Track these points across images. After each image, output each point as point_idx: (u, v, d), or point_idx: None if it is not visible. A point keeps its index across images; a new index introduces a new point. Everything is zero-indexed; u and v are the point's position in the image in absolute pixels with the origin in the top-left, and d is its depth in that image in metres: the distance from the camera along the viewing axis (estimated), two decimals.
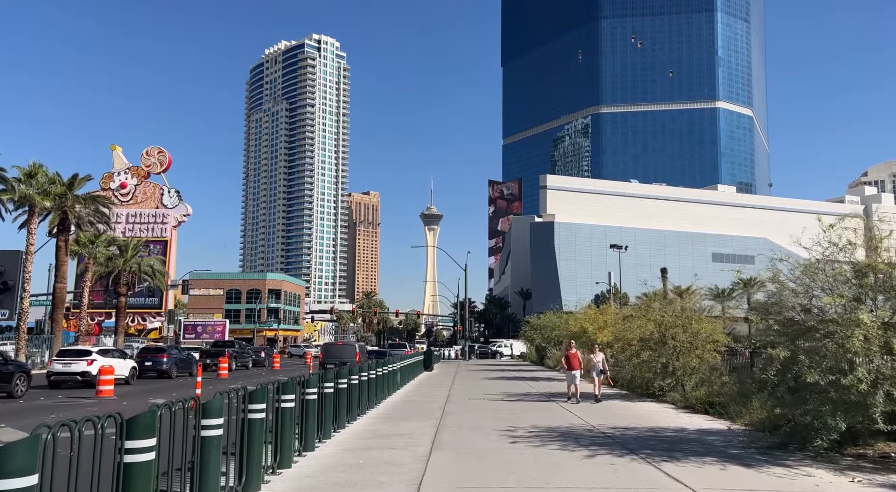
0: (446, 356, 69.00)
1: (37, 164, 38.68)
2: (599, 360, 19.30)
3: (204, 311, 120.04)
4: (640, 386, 20.72)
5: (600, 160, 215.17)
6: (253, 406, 7.85)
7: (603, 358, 19.61)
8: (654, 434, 12.40)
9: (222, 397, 6.84)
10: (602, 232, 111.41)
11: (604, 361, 19.57)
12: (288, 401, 9.28)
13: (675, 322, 19.42)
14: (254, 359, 47.10)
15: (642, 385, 20.52)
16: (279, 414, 9.05)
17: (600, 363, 19.24)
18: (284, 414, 9.20)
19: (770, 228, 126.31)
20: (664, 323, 19.65)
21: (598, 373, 19.05)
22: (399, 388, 24.44)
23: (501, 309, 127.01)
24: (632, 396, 20.66)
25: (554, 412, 16.33)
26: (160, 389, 25.72)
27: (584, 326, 28.83)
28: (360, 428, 13.47)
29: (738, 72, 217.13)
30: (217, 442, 6.48)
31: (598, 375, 19.01)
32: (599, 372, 19.09)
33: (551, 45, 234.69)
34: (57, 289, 40.61)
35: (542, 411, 16.51)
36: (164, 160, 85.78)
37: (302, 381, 10.58)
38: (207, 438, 6.39)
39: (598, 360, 19.25)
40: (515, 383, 28.08)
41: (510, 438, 11.92)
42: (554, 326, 40.83)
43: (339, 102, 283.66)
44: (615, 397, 20.79)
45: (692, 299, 21.62)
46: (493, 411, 16.47)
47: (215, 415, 6.49)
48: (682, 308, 20.09)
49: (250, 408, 7.73)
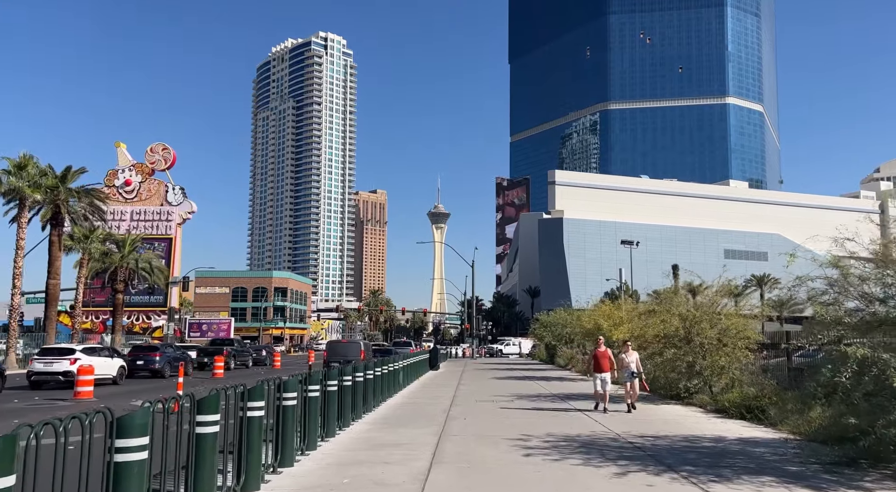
0: (453, 355, 67.44)
1: (27, 155, 37.31)
2: (633, 360, 15.99)
3: (210, 309, 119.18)
4: (662, 387, 19.00)
5: (609, 157, 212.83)
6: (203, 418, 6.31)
7: (637, 358, 16.20)
8: (691, 445, 10.73)
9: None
10: (612, 228, 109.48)
11: (638, 361, 16.15)
12: (256, 409, 7.69)
13: (702, 317, 17.71)
14: (254, 357, 45.64)
15: (665, 386, 18.80)
16: (244, 424, 7.45)
17: (634, 364, 15.92)
18: (252, 424, 7.61)
19: (783, 223, 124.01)
20: (689, 318, 17.95)
21: (632, 376, 15.74)
22: (402, 388, 22.86)
23: (509, 307, 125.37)
24: (654, 398, 18.95)
25: (571, 417, 14.68)
26: (149, 389, 24.22)
27: (598, 322, 27.15)
28: (352, 436, 11.87)
29: (748, 67, 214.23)
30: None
31: (631, 378, 15.75)
32: (633, 375, 15.74)
33: (559, 42, 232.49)
34: (50, 285, 39.26)
35: (558, 416, 14.87)
36: (169, 157, 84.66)
37: (279, 384, 9.02)
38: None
39: (631, 360, 15.95)
40: (525, 383, 26.44)
41: (523, 449, 10.29)
42: (565, 324, 39.17)
43: (345, 100, 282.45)
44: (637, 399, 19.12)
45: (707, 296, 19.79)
46: (503, 416, 14.83)
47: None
48: (711, 299, 18.31)
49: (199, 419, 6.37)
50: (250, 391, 7.46)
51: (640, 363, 16.20)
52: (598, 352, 16.34)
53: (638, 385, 15.90)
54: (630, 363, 15.87)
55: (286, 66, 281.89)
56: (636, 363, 15.99)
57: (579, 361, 36.24)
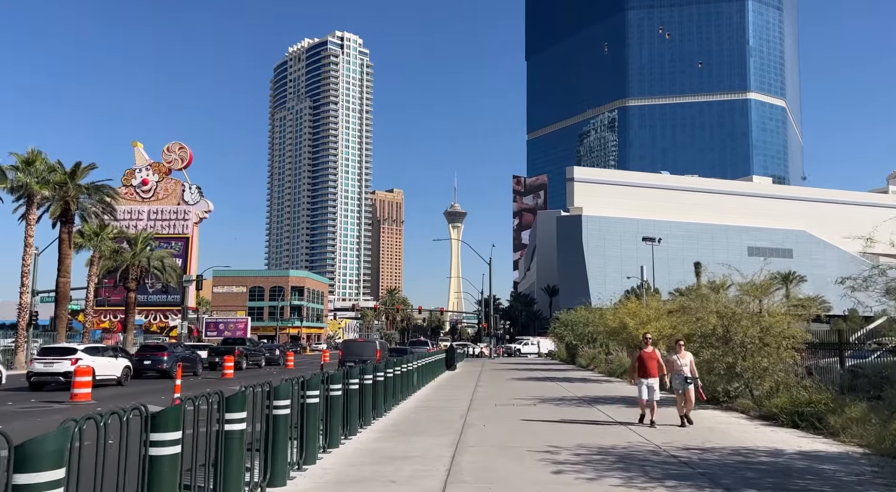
0: (471, 354, 66.15)
1: (35, 151, 36.60)
2: (687, 363, 13.18)
3: (227, 308, 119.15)
4: None
5: (627, 154, 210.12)
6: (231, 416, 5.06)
7: (692, 360, 13.42)
8: (746, 460, 9.31)
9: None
10: (632, 225, 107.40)
11: (693, 364, 13.31)
12: (235, 421, 6.45)
13: (742, 314, 16.21)
14: (267, 357, 44.68)
15: (703, 389, 17.26)
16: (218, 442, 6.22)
17: (688, 367, 13.05)
18: (231, 442, 6.37)
19: (809, 220, 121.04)
20: (728, 315, 16.45)
21: (685, 382, 12.87)
22: (416, 390, 21.60)
23: (527, 306, 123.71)
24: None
25: (602, 425, 13.29)
26: (153, 390, 23.19)
27: (623, 320, 25.67)
28: (357, 447, 10.60)
29: (770, 62, 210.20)
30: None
31: (685, 384, 12.87)
32: (687, 381, 12.87)
33: (576, 38, 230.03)
34: (60, 284, 38.52)
35: (587, 423, 13.48)
36: (185, 156, 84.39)
37: (268, 391, 7.77)
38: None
39: (684, 363, 13.14)
40: (547, 384, 25.04)
41: (551, 464, 8.95)
42: (587, 322, 37.67)
43: (361, 99, 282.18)
44: (664, 402, 17.65)
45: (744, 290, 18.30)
46: (526, 423, 13.48)
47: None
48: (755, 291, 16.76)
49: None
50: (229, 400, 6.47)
51: (695, 367, 13.48)
52: (645, 353, 13.42)
53: (693, 393, 13.02)
54: (683, 367, 13.08)
55: (303, 65, 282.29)
56: (690, 367, 13.20)
57: (602, 362, 34.77)
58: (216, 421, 6.13)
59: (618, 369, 29.68)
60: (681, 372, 12.98)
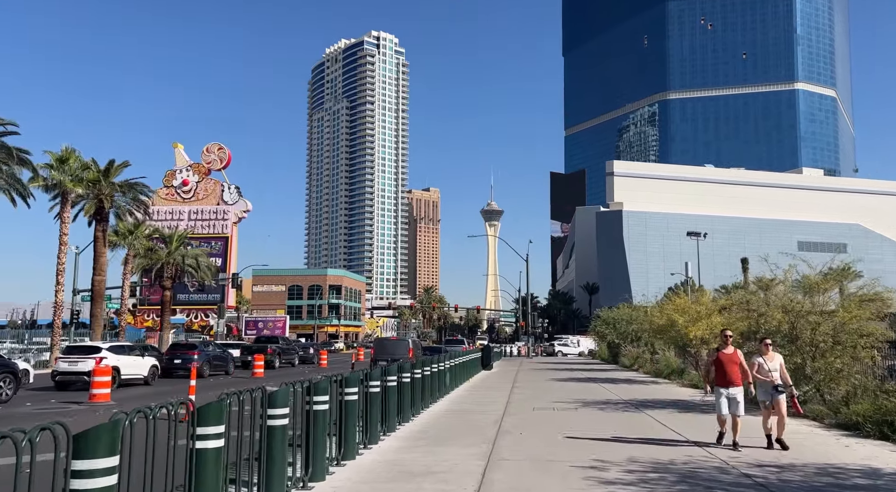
0: (508, 353, 64.61)
1: (69, 148, 36.58)
2: (777, 366, 10.38)
3: (267, 307, 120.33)
4: None
5: (668, 149, 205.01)
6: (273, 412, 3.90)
7: (782, 363, 10.63)
8: (838, 484, 7.72)
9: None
10: (675, 220, 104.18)
11: (783, 367, 10.52)
12: (208, 437, 5.26)
13: (812, 310, 14.45)
14: (301, 355, 44.06)
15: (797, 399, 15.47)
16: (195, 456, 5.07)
17: (777, 372, 10.27)
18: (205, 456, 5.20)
19: (863, 213, 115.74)
20: (795, 311, 14.71)
21: (776, 391, 10.11)
22: (449, 391, 20.33)
23: (566, 304, 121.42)
24: (748, 406, 15.77)
25: (654, 433, 11.79)
26: (180, 390, 22.40)
27: (672, 317, 23.89)
28: (376, 457, 9.36)
29: (819, 50, 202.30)
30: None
31: (776, 394, 10.10)
32: (778, 390, 10.11)
33: (614, 31, 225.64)
34: (95, 282, 38.49)
35: (636, 431, 11.99)
36: (224, 157, 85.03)
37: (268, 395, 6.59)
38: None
39: (772, 366, 10.32)
40: (589, 386, 23.47)
41: (600, 485, 7.55)
42: (630, 320, 35.82)
43: (398, 99, 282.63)
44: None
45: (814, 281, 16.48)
46: (567, 431, 12.05)
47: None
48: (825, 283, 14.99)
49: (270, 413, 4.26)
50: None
51: (786, 372, 10.59)
52: (724, 355, 10.41)
53: (786, 406, 10.11)
54: (772, 372, 10.24)
55: (340, 66, 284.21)
56: (781, 371, 10.37)
57: (647, 362, 32.99)
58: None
59: (664, 369, 27.94)
60: (769, 379, 10.23)
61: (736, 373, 10.27)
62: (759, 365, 10.42)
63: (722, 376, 10.32)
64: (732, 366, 10.31)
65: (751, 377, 10.33)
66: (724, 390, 10.26)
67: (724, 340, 10.70)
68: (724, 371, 10.30)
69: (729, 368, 10.29)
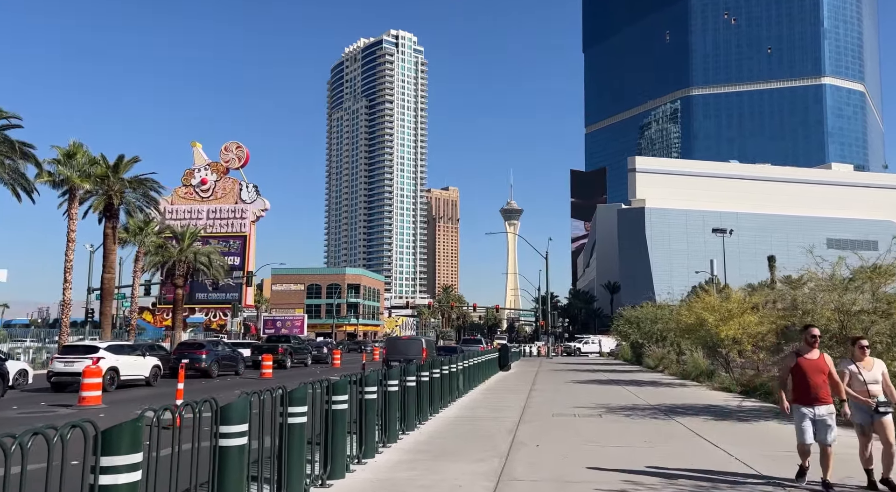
0: (527, 353, 63.12)
1: (77, 143, 35.89)
2: (879, 377, 7.58)
3: (286, 306, 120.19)
4: None
5: (691, 146, 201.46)
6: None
7: (885, 372, 7.69)
8: None
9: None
10: (698, 217, 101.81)
11: (886, 377, 7.60)
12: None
13: (866, 307, 12.93)
14: (314, 355, 43.06)
15: None
16: None
17: (879, 385, 7.52)
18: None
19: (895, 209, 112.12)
20: (845, 309, 13.19)
21: (878, 412, 7.35)
22: (462, 394, 19.04)
23: (587, 303, 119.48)
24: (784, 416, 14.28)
25: (690, 446, 10.37)
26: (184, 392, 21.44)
27: (701, 316, 22.35)
28: (368, 476, 8.09)
29: (847, 44, 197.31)
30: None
31: (877, 415, 7.35)
32: (879, 410, 7.34)
33: (635, 27, 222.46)
34: (105, 280, 37.80)
35: (669, 443, 10.58)
36: (242, 155, 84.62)
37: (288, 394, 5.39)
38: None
39: (872, 377, 7.56)
40: (612, 388, 22.03)
41: None
42: (655, 319, 34.22)
43: (416, 97, 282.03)
44: (763, 414, 14.49)
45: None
46: (592, 442, 10.68)
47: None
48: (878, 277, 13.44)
49: None
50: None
51: (891, 385, 7.61)
52: (807, 362, 7.60)
53: (894, 431, 7.31)
54: (871, 385, 7.50)
55: (359, 65, 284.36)
56: (884, 383, 7.55)
57: (673, 362, 31.40)
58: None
59: (692, 371, 26.38)
60: (871, 393, 7.44)
61: (824, 386, 7.46)
62: (853, 375, 7.58)
63: (804, 389, 7.46)
64: (819, 376, 7.45)
65: (843, 392, 7.51)
66: (807, 410, 7.42)
67: (806, 342, 7.74)
68: (808, 383, 7.44)
69: (814, 378, 7.43)
